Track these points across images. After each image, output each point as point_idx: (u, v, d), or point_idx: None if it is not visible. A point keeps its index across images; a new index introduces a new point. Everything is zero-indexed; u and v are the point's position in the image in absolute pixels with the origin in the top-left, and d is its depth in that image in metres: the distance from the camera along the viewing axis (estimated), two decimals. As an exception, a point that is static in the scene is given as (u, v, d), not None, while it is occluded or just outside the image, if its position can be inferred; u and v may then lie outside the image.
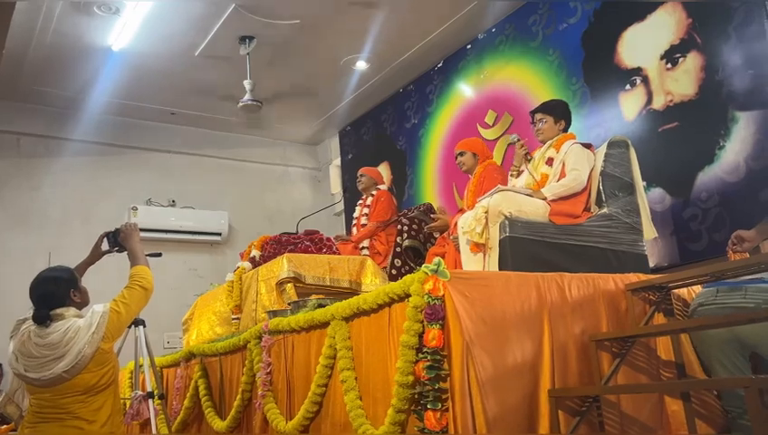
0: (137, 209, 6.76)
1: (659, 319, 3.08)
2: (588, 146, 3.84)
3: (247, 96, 5.96)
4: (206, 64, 6.08)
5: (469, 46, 6.01)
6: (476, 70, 5.94)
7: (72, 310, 2.96)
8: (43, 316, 2.88)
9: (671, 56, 4.34)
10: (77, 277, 3.10)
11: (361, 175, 5.72)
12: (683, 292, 3.21)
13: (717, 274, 3.07)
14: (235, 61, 5.91)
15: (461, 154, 4.70)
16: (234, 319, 4.58)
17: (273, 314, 3.83)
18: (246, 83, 5.93)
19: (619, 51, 4.68)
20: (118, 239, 3.33)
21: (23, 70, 5.93)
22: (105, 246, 3.40)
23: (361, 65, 6.32)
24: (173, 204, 7.14)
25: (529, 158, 3.99)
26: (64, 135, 6.70)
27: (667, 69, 4.36)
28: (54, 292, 2.95)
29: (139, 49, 5.73)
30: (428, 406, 2.51)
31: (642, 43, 4.54)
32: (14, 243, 6.24)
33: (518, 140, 4.05)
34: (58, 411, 2.84)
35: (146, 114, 7.01)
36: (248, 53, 5.79)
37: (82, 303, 3.07)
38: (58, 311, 2.91)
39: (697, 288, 3.24)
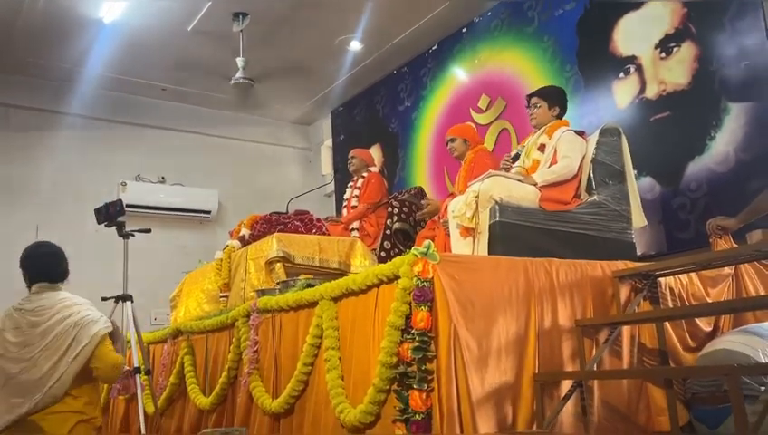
0: (126, 185, 6.72)
1: (645, 306, 3.12)
2: (580, 133, 3.85)
3: (239, 74, 5.91)
4: (199, 40, 6.00)
5: (464, 30, 5.98)
6: (471, 54, 5.92)
7: (62, 285, 3.07)
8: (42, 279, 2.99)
9: (666, 45, 4.34)
10: None
11: (352, 156, 5.69)
12: (669, 280, 3.24)
13: (703, 263, 3.11)
14: (227, 37, 5.84)
15: (452, 140, 4.69)
16: (222, 297, 4.58)
17: (262, 292, 3.84)
18: (239, 61, 5.86)
19: (613, 39, 4.67)
20: (109, 213, 3.36)
21: (12, 40, 5.84)
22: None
23: (355, 45, 6.27)
24: (162, 180, 7.10)
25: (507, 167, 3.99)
26: (54, 108, 6.62)
27: (661, 58, 4.36)
28: (57, 265, 3.07)
29: (130, 22, 5.65)
30: (414, 386, 2.54)
31: (637, 32, 4.53)
32: (2, 216, 6.19)
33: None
34: None
35: (137, 89, 6.94)
36: (241, 30, 5.71)
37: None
38: (54, 284, 3.03)
39: (684, 277, 3.27)
